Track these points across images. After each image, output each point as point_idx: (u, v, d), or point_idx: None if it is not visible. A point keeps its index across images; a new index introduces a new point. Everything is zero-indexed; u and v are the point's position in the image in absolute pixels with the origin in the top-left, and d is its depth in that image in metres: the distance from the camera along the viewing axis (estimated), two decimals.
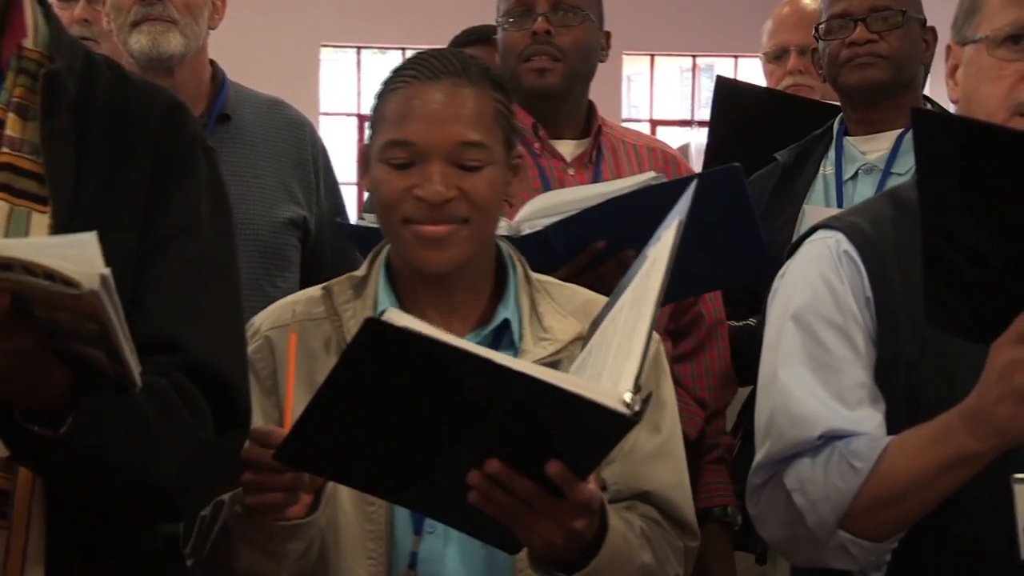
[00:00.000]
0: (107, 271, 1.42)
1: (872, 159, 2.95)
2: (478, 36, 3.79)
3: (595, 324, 1.89)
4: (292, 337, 1.87)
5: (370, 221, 2.66)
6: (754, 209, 2.61)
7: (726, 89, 3.55)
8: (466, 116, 1.96)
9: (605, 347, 1.75)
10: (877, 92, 2.93)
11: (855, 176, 2.97)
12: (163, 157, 1.75)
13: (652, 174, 2.61)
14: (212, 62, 3.05)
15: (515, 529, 1.72)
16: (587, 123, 2.96)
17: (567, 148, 2.93)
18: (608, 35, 2.98)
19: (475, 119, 1.97)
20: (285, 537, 1.84)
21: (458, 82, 1.98)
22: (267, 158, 2.99)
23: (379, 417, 1.65)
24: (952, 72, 2.07)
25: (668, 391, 2.07)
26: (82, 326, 1.46)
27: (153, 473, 1.64)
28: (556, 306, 2.05)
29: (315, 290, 2.07)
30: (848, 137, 3.01)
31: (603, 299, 2.06)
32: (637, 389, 1.61)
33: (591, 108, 2.98)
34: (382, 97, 2.02)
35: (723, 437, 3.04)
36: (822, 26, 3.02)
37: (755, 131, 3.39)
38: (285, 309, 2.06)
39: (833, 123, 3.07)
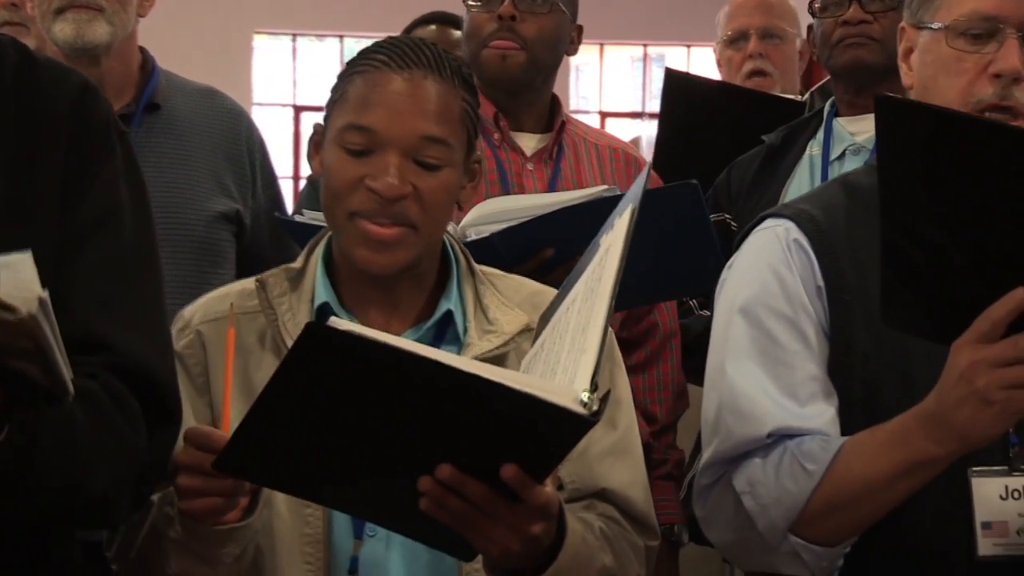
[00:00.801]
0: (44, 293, 1.42)
1: (860, 140, 2.98)
2: (433, 19, 3.80)
3: (544, 319, 1.90)
4: (230, 332, 1.86)
5: (307, 218, 2.66)
6: (711, 224, 2.64)
7: (675, 82, 3.57)
8: (432, 111, 1.96)
9: (558, 342, 1.76)
10: (867, 74, 2.97)
11: (842, 156, 2.99)
12: (76, 143, 1.74)
13: (604, 187, 2.63)
14: (142, 49, 3.04)
15: (470, 536, 1.73)
16: (550, 117, 2.98)
17: (528, 142, 2.95)
18: (580, 28, 2.99)
19: (441, 115, 1.97)
20: (220, 542, 1.83)
21: (429, 75, 1.98)
22: (199, 149, 2.98)
23: (324, 423, 1.65)
24: (906, 55, 2.08)
25: (623, 385, 2.09)
26: (16, 343, 1.46)
27: (86, 483, 1.65)
28: (502, 298, 2.06)
29: (248, 282, 2.07)
30: (838, 118, 3.05)
31: (551, 290, 2.08)
32: (594, 387, 1.61)
33: (555, 102, 3.00)
34: (345, 78, 2.01)
35: (672, 452, 3.06)
36: (817, 4, 3.06)
37: (706, 126, 3.41)
38: (217, 301, 2.06)
39: (824, 105, 3.10)
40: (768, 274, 2.03)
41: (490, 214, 2.56)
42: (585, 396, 1.60)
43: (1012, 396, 1.76)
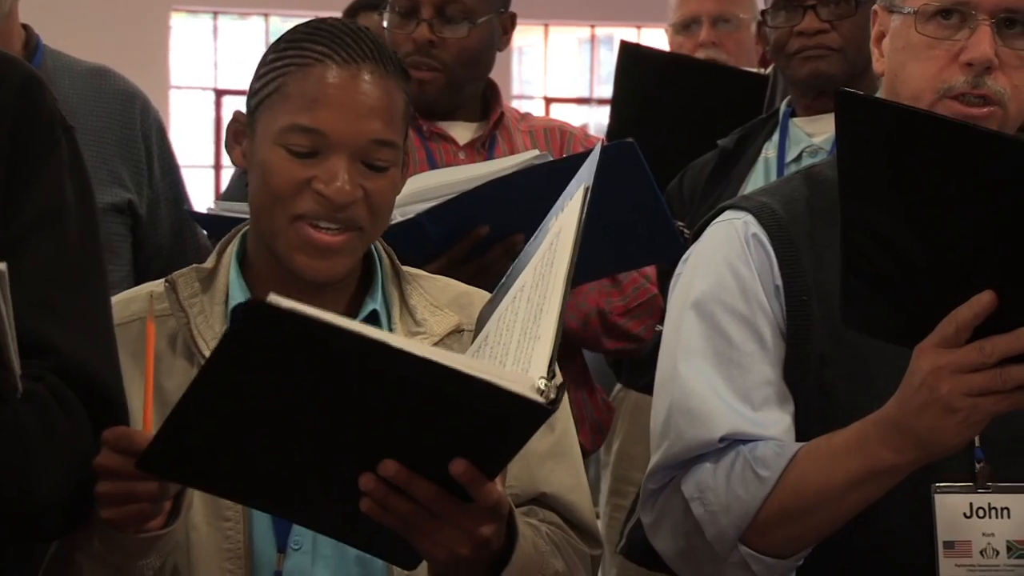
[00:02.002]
0: (3, 265, 1.43)
1: (818, 141, 2.99)
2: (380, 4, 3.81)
3: (483, 316, 1.91)
4: (150, 327, 1.82)
5: (222, 209, 2.65)
6: (656, 186, 2.65)
7: (631, 55, 3.58)
8: (381, 111, 1.97)
9: (505, 333, 1.76)
10: (827, 85, 2.98)
11: (799, 158, 3.00)
12: (20, 138, 1.74)
13: (536, 152, 2.64)
14: (26, 27, 3.01)
15: (415, 540, 1.72)
16: (485, 104, 2.99)
17: (461, 131, 2.96)
18: (513, 17, 3.00)
19: (389, 116, 1.98)
20: (142, 551, 1.82)
21: (378, 71, 1.98)
22: (86, 135, 2.96)
23: (258, 415, 1.64)
24: (878, 40, 2.10)
25: None
26: None
27: (32, 492, 1.65)
28: (429, 298, 2.07)
29: (156, 284, 2.06)
30: (794, 119, 3.06)
31: (479, 291, 2.10)
32: (552, 375, 1.62)
33: (491, 89, 3.01)
34: (280, 68, 1.99)
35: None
36: (768, 8, 3.04)
37: (664, 101, 3.42)
38: (124, 305, 2.05)
39: (780, 106, 3.12)
40: (724, 269, 2.04)
41: (415, 193, 2.55)
42: (542, 384, 1.60)
43: (976, 404, 1.77)
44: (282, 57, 2.00)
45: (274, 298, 1.57)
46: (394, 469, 1.65)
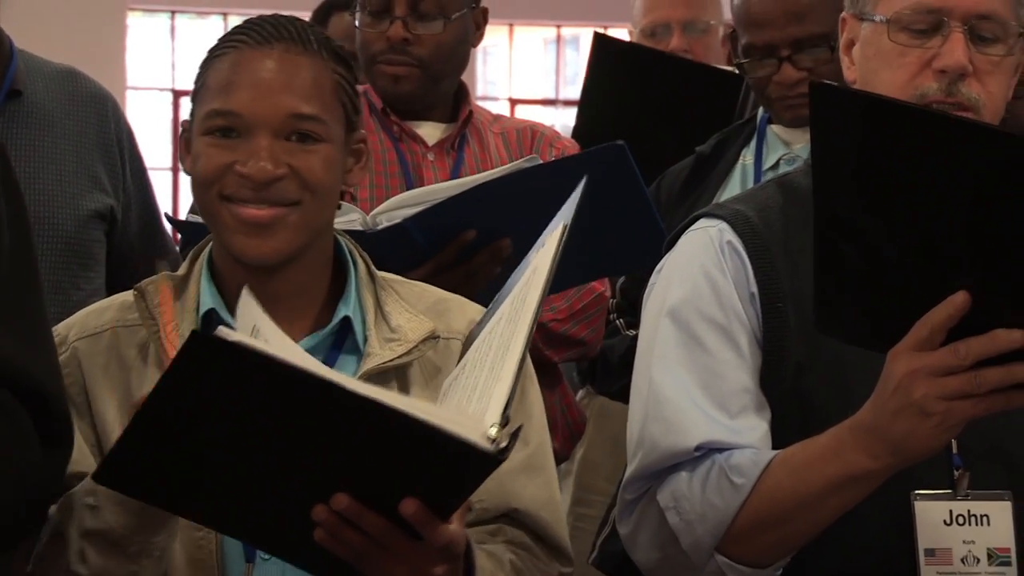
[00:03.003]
0: None
1: (796, 148, 2.99)
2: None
3: (471, 338, 1.93)
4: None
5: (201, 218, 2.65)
6: (645, 188, 2.66)
7: (606, 48, 3.57)
8: (300, 87, 1.98)
9: (479, 365, 1.78)
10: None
11: (776, 166, 3.01)
12: None
13: (527, 157, 2.64)
14: None
15: (366, 572, 1.74)
16: (455, 105, 2.99)
17: (429, 131, 2.96)
18: (485, 12, 3.00)
19: (310, 91, 1.98)
20: (161, 525, 1.84)
21: (293, 48, 1.99)
22: (66, 140, 2.96)
23: (210, 440, 1.66)
24: (848, 47, 2.11)
25: (535, 399, 2.10)
26: None
27: None
28: (405, 304, 2.07)
29: (127, 296, 2.07)
30: (772, 125, 3.07)
31: (457, 298, 2.10)
32: (506, 420, 1.64)
33: (461, 89, 3.02)
34: (206, 65, 2.03)
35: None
36: (741, 54, 2.99)
37: (637, 99, 3.42)
38: (95, 316, 2.06)
39: (757, 112, 3.11)
40: (700, 277, 2.05)
41: (406, 199, 2.57)
42: (493, 431, 1.62)
43: (951, 408, 1.78)
44: (209, 56, 2.03)
45: (222, 330, 1.60)
46: (345, 503, 1.67)
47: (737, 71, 3.20)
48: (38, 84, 2.96)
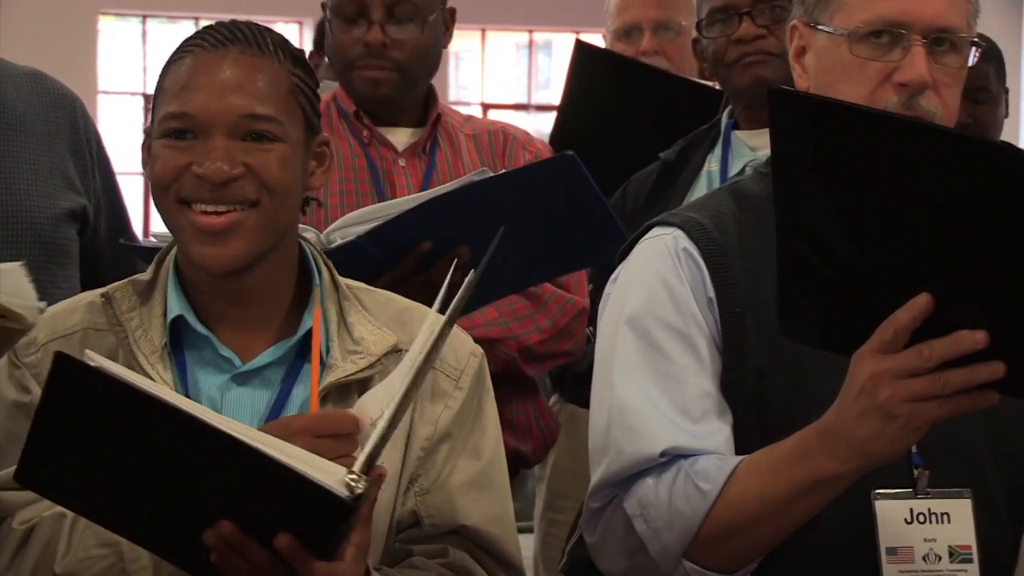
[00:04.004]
0: (43, 304, 1.51)
1: (761, 155, 3.00)
2: None
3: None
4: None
5: (161, 241, 2.66)
6: (600, 193, 2.67)
7: (587, 57, 3.58)
8: (255, 88, 1.99)
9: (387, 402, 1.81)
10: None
11: (741, 173, 3.01)
12: None
13: (477, 171, 2.66)
14: None
15: None
16: (424, 109, 3.00)
17: (400, 137, 2.96)
18: (452, 12, 3.01)
19: (266, 92, 1.99)
20: None
21: (247, 51, 2.00)
22: (37, 140, 2.96)
23: (98, 458, 1.71)
24: (799, 55, 2.11)
25: (491, 412, 2.11)
26: None
27: None
28: (368, 315, 2.07)
29: (94, 296, 2.07)
30: (737, 131, 3.08)
31: (421, 308, 2.10)
32: (368, 469, 1.68)
33: (429, 93, 3.02)
34: (164, 71, 2.04)
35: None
36: (703, 20, 3.06)
37: (616, 109, 3.43)
38: (65, 316, 2.05)
39: (721, 116, 3.13)
40: (657, 284, 2.06)
41: (358, 216, 2.58)
42: (351, 478, 1.66)
43: (916, 409, 1.79)
44: (165, 64, 2.05)
45: (89, 355, 1.68)
46: (228, 530, 1.70)
47: (713, 85, 3.22)
48: (7, 85, 2.96)
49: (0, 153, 2.88)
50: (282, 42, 2.05)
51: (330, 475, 1.66)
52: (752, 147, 3.04)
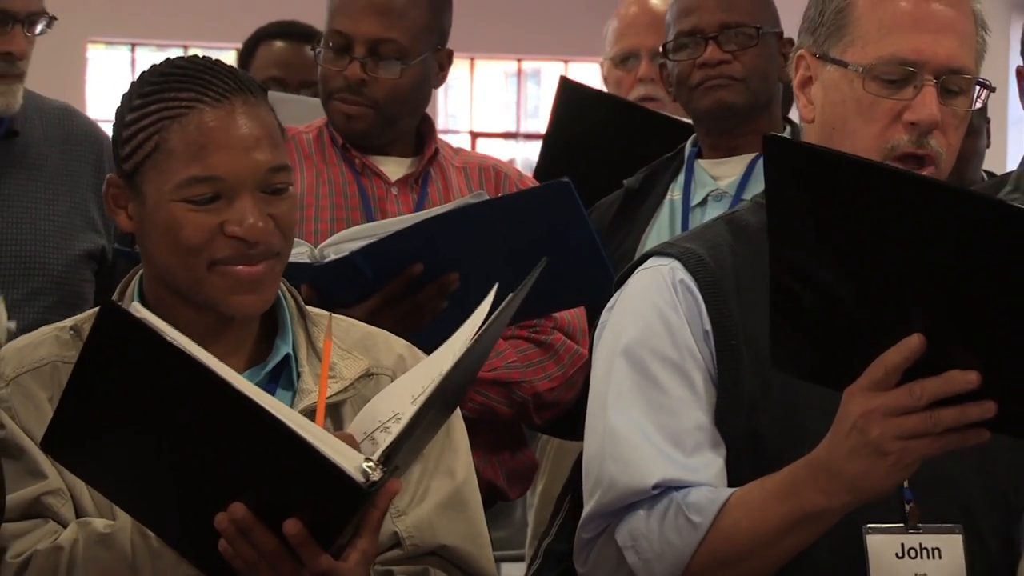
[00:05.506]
0: (12, 324, 1.47)
1: (723, 184, 3.01)
2: (282, 33, 3.81)
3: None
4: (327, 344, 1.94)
5: None
6: (591, 225, 2.68)
7: (572, 93, 3.59)
8: (269, 138, 1.99)
9: (410, 401, 1.83)
10: (731, 117, 3.00)
11: (704, 202, 3.03)
12: None
13: (474, 193, 2.66)
14: None
15: None
16: (419, 139, 3.00)
17: (391, 167, 2.96)
18: (449, 54, 3.01)
19: (273, 140, 2.00)
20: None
21: (249, 100, 2.00)
22: (60, 180, 2.95)
23: (128, 420, 1.73)
24: (804, 85, 2.12)
25: (461, 434, 2.13)
26: None
27: None
28: (336, 341, 2.08)
29: (59, 330, 2.05)
30: (700, 160, 3.08)
31: (383, 333, 2.14)
32: (383, 461, 1.70)
33: (426, 123, 3.01)
34: (152, 125, 1.98)
35: None
36: (670, 44, 3.07)
37: (599, 146, 3.44)
38: (32, 349, 2.03)
39: (685, 145, 3.14)
40: (653, 316, 2.07)
41: (352, 233, 2.59)
42: (368, 466, 1.69)
43: (907, 447, 1.80)
44: (148, 113, 1.99)
45: (135, 306, 1.73)
46: (240, 513, 1.73)
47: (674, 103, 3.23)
48: (35, 123, 2.96)
49: (19, 195, 2.89)
50: (254, 82, 2.04)
51: (348, 460, 1.68)
52: (714, 176, 3.04)
